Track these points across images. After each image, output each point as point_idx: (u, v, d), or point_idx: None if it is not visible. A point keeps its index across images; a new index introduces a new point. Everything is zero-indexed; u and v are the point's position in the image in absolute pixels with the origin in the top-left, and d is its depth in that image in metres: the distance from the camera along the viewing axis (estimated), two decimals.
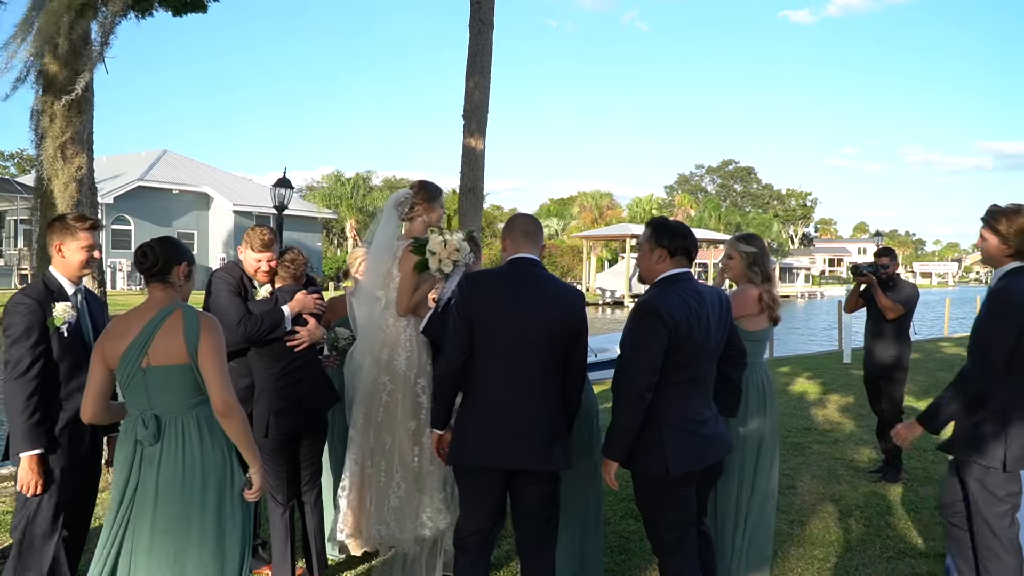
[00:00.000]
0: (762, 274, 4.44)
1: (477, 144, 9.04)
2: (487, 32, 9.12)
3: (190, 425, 3.22)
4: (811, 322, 39.06)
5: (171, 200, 42.36)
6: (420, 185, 4.60)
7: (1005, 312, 3.60)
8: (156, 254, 3.25)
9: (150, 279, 3.27)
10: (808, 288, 79.90)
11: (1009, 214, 3.67)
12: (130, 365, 3.19)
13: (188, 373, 3.21)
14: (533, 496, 3.65)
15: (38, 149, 5.36)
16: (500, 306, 3.56)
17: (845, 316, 17.20)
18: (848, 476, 6.87)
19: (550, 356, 3.57)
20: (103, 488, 6.26)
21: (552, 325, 3.55)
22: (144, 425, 3.16)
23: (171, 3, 6.91)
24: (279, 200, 14.76)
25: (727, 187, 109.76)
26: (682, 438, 3.46)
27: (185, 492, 3.17)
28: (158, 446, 3.18)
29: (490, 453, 3.53)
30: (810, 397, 11.22)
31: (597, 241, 57.90)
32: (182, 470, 3.17)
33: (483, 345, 3.56)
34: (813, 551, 5.15)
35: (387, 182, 76.64)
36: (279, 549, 4.41)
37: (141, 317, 3.26)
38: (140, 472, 3.19)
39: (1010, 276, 3.69)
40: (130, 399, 3.26)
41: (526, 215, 3.92)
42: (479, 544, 3.64)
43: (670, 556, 3.59)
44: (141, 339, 3.19)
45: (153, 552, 3.15)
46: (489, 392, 3.57)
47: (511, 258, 3.73)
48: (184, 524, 3.16)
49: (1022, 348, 3.56)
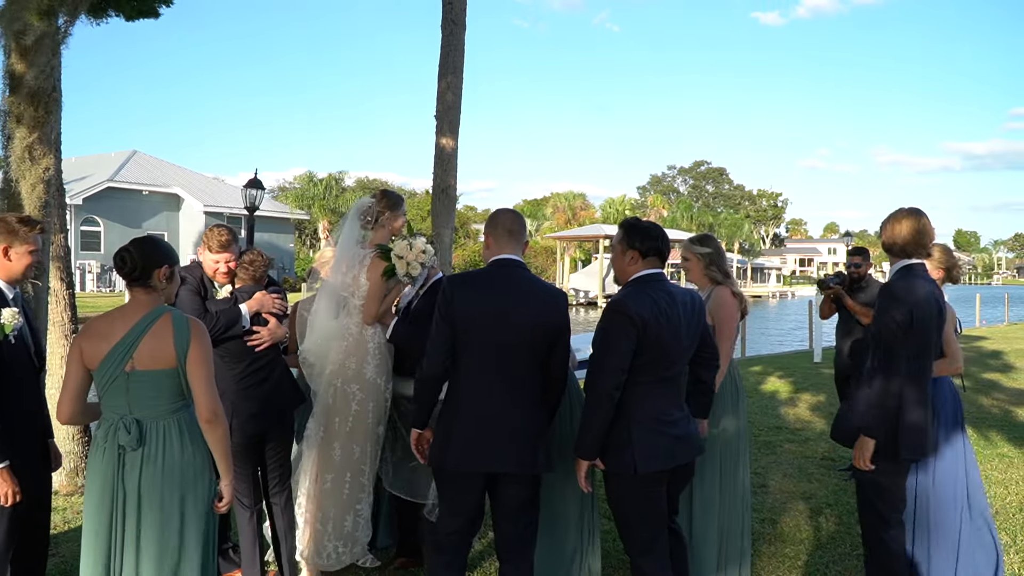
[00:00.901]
0: (721, 272, 4.48)
1: (449, 144, 9.03)
2: (459, 33, 9.11)
3: (171, 430, 3.20)
4: (782, 322, 39.43)
5: (141, 201, 41.90)
6: (383, 194, 4.63)
7: (895, 306, 3.73)
8: (134, 259, 3.21)
9: (131, 284, 3.24)
10: (779, 288, 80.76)
11: (885, 223, 3.96)
12: (112, 368, 3.15)
13: (173, 378, 3.20)
14: (514, 499, 3.64)
15: (5, 150, 5.28)
16: (483, 309, 3.53)
17: (815, 316, 17.38)
18: (819, 474, 6.94)
19: (533, 358, 3.56)
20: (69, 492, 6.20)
21: (536, 327, 3.54)
22: (126, 430, 3.12)
23: (124, 9, 6.93)
24: (250, 201, 14.66)
25: (699, 188, 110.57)
26: (650, 438, 3.47)
27: (165, 497, 3.16)
28: (139, 451, 3.15)
29: (472, 457, 3.50)
30: (781, 396, 11.33)
31: (570, 242, 58.06)
32: (162, 475, 3.15)
33: (466, 348, 3.54)
34: (784, 549, 5.20)
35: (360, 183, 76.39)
36: (248, 553, 4.38)
37: (125, 320, 3.21)
38: (123, 477, 3.15)
39: (902, 273, 3.87)
40: (108, 403, 3.21)
41: (510, 212, 3.83)
42: (456, 544, 3.63)
43: (642, 556, 3.60)
44: (126, 342, 3.16)
45: (139, 556, 3.15)
46: (471, 395, 3.54)
47: (494, 259, 3.68)
48: (167, 529, 3.16)
49: (914, 342, 3.70)
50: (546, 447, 3.65)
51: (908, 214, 3.88)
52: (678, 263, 15.96)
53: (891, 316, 3.71)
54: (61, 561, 4.90)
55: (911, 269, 3.85)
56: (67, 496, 6.16)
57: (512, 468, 3.53)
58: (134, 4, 7.00)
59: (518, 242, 3.72)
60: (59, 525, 5.53)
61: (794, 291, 77.53)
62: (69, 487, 6.31)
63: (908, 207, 3.92)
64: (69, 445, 6.42)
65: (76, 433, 6.40)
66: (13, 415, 3.58)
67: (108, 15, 6.94)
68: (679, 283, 4.30)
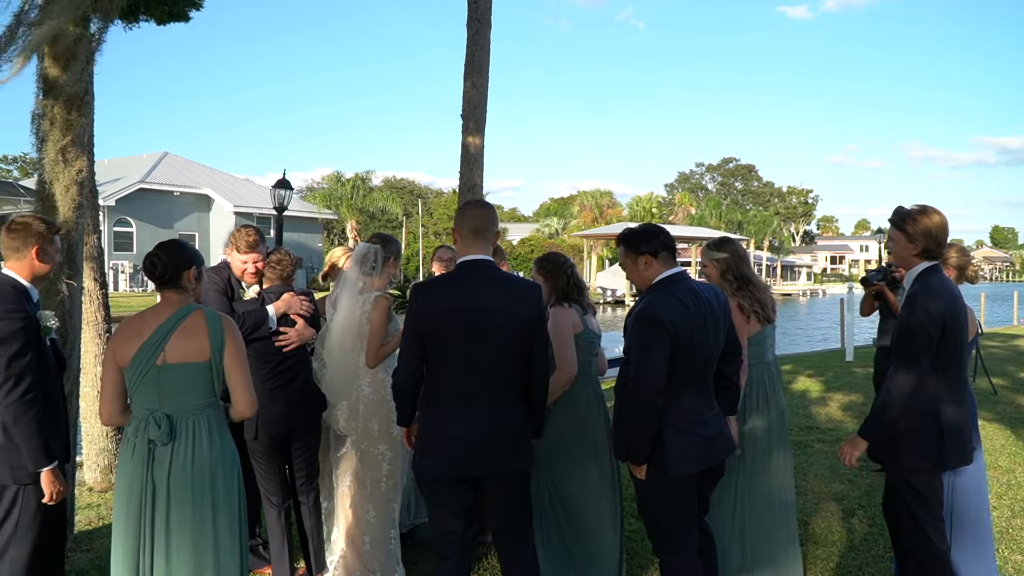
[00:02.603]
0: (737, 281, 4.34)
1: (476, 143, 9.03)
2: (485, 31, 9.11)
3: (201, 425, 3.26)
4: (813, 321, 39.05)
5: (172, 202, 42.40)
6: (385, 240, 4.60)
7: (927, 313, 3.63)
8: (164, 263, 3.30)
9: (162, 286, 3.33)
10: (810, 286, 79.94)
11: (915, 215, 3.78)
12: (144, 362, 3.22)
13: (205, 372, 3.27)
14: (500, 497, 3.60)
15: (39, 153, 5.35)
16: (450, 314, 3.43)
17: (847, 314, 17.20)
18: (851, 475, 6.85)
19: (508, 357, 3.47)
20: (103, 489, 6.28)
21: (508, 326, 3.44)
22: (156, 424, 3.17)
23: (154, 13, 7.02)
24: (279, 201, 14.76)
25: (728, 185, 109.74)
26: (682, 439, 3.45)
27: (196, 492, 3.22)
28: (169, 446, 3.20)
29: (447, 464, 3.45)
30: (812, 395, 11.21)
31: (597, 240, 57.87)
32: (191, 470, 3.21)
33: (437, 355, 3.45)
34: (816, 551, 5.14)
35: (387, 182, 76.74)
36: (277, 549, 4.42)
37: (157, 317, 3.31)
38: (152, 472, 3.20)
39: (923, 277, 3.76)
40: (139, 399, 3.26)
41: (476, 208, 3.68)
42: (457, 548, 3.56)
43: (671, 556, 3.58)
44: (157, 337, 3.24)
45: (169, 552, 3.20)
46: (445, 401, 3.47)
47: (460, 261, 3.58)
48: (197, 525, 3.22)
49: (945, 344, 3.62)
50: (527, 444, 3.57)
51: (933, 212, 3.78)
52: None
53: (923, 317, 3.62)
54: (95, 556, 4.96)
55: (935, 269, 3.78)
56: (101, 493, 6.24)
57: (488, 470, 3.48)
58: (165, 8, 7.09)
59: (485, 240, 3.58)
60: (94, 521, 5.62)
61: (825, 289, 76.73)
62: (103, 484, 6.40)
63: (925, 205, 3.80)
64: (103, 442, 6.51)
65: (110, 431, 6.48)
66: (58, 415, 3.65)
67: (139, 19, 7.05)
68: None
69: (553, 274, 4.41)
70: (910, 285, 3.82)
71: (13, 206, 36.64)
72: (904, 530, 3.86)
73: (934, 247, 3.76)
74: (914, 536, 3.82)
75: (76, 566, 4.80)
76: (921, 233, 3.74)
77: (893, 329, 3.89)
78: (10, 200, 36.37)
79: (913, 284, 3.80)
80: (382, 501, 4.36)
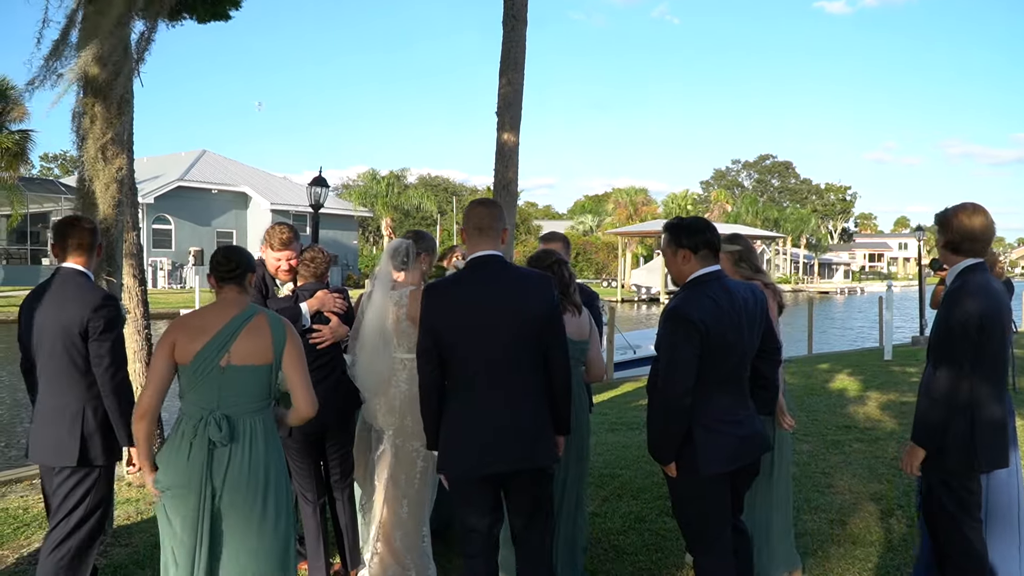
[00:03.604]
0: (751, 267, 4.44)
1: (511, 140, 9.04)
2: (520, 28, 9.11)
3: (257, 427, 3.31)
4: (850, 319, 38.54)
5: (210, 200, 42.95)
6: (419, 235, 4.58)
7: (965, 312, 3.57)
8: (237, 259, 3.42)
9: (228, 280, 3.40)
10: (847, 284, 79.00)
11: (952, 212, 3.75)
12: (207, 362, 3.26)
13: (266, 375, 3.33)
14: (522, 495, 3.60)
15: (80, 151, 5.44)
16: (462, 313, 3.45)
17: (886, 312, 16.95)
18: (889, 475, 6.75)
19: (524, 352, 3.47)
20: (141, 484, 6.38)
21: (518, 320, 3.44)
22: (217, 426, 3.21)
23: (196, 12, 7.12)
24: (315, 199, 14.86)
25: (764, 182, 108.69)
26: (713, 438, 3.42)
27: (252, 493, 3.26)
28: (228, 447, 3.24)
29: (469, 463, 3.47)
30: (850, 394, 11.06)
31: (632, 237, 57.68)
32: (248, 471, 3.26)
33: (452, 356, 3.47)
34: (854, 551, 5.07)
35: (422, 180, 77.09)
36: (312, 545, 4.46)
37: (220, 315, 3.34)
38: (211, 472, 3.23)
39: (965, 274, 3.70)
40: (195, 397, 3.29)
41: (478, 206, 3.69)
42: (482, 547, 3.57)
43: (705, 555, 3.56)
44: (222, 337, 3.27)
45: (224, 551, 3.26)
46: (463, 399, 3.49)
47: (469, 259, 3.59)
48: (253, 525, 3.27)
49: (984, 344, 3.55)
50: (549, 439, 3.56)
51: (979, 209, 3.72)
52: None
53: (962, 316, 3.56)
54: (134, 551, 5.03)
55: (979, 267, 3.71)
56: (140, 487, 6.33)
57: (507, 467, 3.49)
58: (207, 7, 7.20)
59: (492, 236, 3.58)
60: (132, 516, 5.69)
61: (863, 287, 75.71)
62: (141, 478, 6.48)
63: (971, 202, 3.75)
64: None
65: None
66: None
67: (182, 18, 7.15)
68: None
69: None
70: (950, 282, 3.76)
71: (54, 203, 37.42)
72: (943, 532, 3.79)
73: (969, 245, 3.70)
74: (953, 538, 3.75)
75: (115, 560, 4.86)
76: (956, 230, 3.70)
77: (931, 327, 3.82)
78: (51, 198, 37.13)
79: (953, 282, 3.74)
80: (416, 497, 4.36)
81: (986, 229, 3.70)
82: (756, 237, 58.95)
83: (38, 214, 38.36)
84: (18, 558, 4.94)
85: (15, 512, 5.77)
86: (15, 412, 13.05)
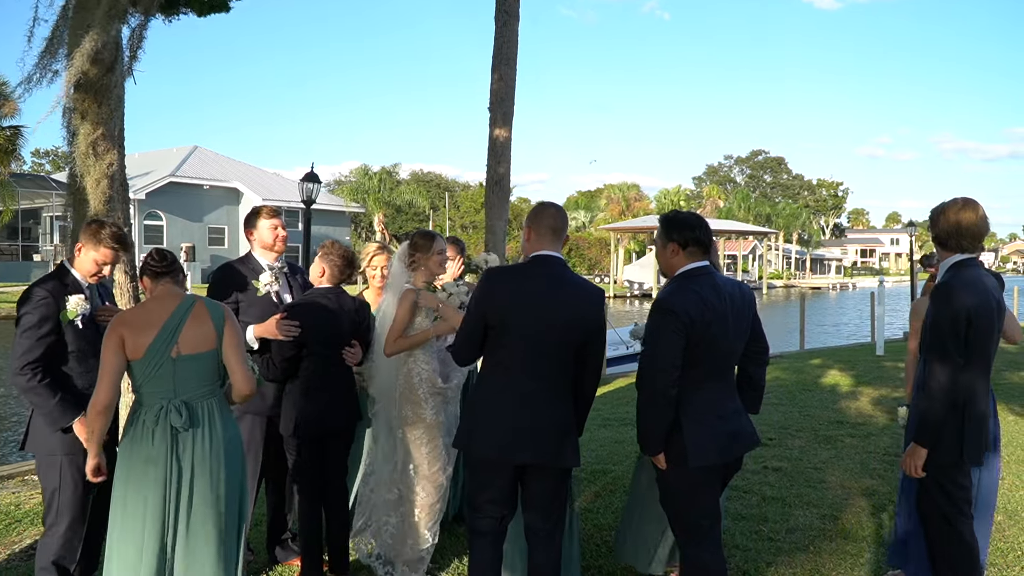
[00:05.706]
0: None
1: (503, 136, 9.03)
2: (513, 24, 9.10)
3: (213, 409, 3.46)
4: (842, 314, 38.67)
5: (202, 195, 42.84)
6: (417, 235, 4.63)
7: (952, 306, 3.60)
8: (171, 257, 3.58)
9: (163, 275, 3.52)
10: (839, 279, 79.18)
11: (941, 209, 3.81)
12: (159, 354, 3.37)
13: (214, 359, 3.48)
14: (540, 490, 3.64)
15: (71, 146, 5.43)
16: (520, 304, 3.51)
17: (878, 308, 17.00)
18: (881, 469, 6.77)
19: (566, 354, 3.55)
20: None
21: (573, 326, 3.53)
22: (178, 413, 3.33)
23: (194, 5, 7.03)
24: (307, 195, 14.83)
25: (756, 178, 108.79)
26: (702, 431, 3.46)
27: (216, 472, 3.41)
28: (190, 431, 3.37)
29: (498, 446, 3.52)
30: (842, 390, 11.10)
31: (624, 233, 57.74)
32: (210, 451, 3.40)
33: (499, 341, 3.53)
34: (846, 546, 5.09)
35: (414, 175, 76.91)
36: (306, 543, 4.43)
37: (161, 309, 3.45)
38: (178, 456, 3.35)
39: (954, 269, 3.73)
40: (151, 388, 3.39)
41: (554, 208, 3.78)
42: (491, 528, 3.62)
43: (694, 547, 3.59)
44: (169, 329, 3.39)
45: (190, 530, 3.36)
46: (499, 387, 3.55)
47: (535, 255, 3.65)
48: (219, 503, 3.41)
49: (974, 339, 3.59)
50: (575, 441, 3.63)
51: (969, 204, 3.75)
52: (734, 254, 15.65)
53: (949, 311, 3.58)
54: None
55: (969, 263, 3.73)
56: None
57: (532, 460, 3.53)
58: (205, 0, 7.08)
59: (560, 239, 3.69)
60: None
61: (855, 282, 75.92)
62: None
63: (963, 197, 3.79)
64: None
65: None
66: (77, 391, 3.84)
67: (180, 12, 7.04)
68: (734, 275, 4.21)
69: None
70: (940, 277, 3.78)
71: (45, 199, 37.27)
72: (936, 529, 3.82)
73: (957, 240, 3.73)
74: (947, 534, 3.78)
75: None
76: (945, 225, 3.75)
77: (924, 322, 3.84)
78: (42, 194, 36.97)
79: (943, 275, 3.76)
80: (424, 484, 4.41)
81: (975, 224, 3.72)
82: (748, 233, 59.15)
83: (29, 210, 38.24)
84: (10, 554, 4.93)
85: (7, 508, 5.75)
86: (7, 406, 13.00)
